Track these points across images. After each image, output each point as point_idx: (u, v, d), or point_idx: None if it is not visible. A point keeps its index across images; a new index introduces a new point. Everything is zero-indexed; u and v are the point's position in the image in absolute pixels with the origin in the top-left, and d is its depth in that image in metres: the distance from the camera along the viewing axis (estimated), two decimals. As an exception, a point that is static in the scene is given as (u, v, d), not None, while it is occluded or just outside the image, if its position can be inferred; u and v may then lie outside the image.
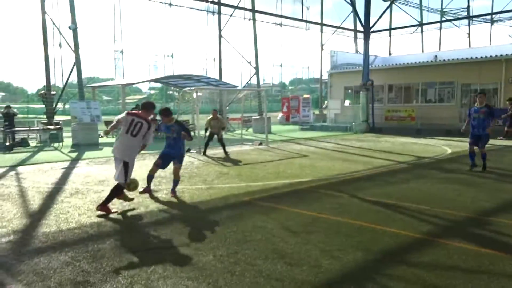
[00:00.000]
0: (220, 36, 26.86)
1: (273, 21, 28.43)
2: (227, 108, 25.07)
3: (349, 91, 27.14)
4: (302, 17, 20.53)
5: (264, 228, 5.04)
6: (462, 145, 15.20)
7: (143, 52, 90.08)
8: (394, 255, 4.19)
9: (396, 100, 24.88)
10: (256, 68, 26.56)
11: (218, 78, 26.64)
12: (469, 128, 9.62)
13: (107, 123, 22.37)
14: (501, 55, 20.20)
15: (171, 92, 51.65)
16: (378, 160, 11.26)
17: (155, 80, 28.36)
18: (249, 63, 27.20)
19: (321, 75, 31.49)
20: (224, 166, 10.52)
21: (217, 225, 5.20)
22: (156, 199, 6.70)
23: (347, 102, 26.53)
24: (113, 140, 16.70)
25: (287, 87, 78.34)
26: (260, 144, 15.74)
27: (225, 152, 12.83)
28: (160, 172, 9.51)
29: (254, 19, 25.97)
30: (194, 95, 14.84)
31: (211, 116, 13.49)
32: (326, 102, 30.93)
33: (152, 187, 7.81)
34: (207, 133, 13.46)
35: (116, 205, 6.14)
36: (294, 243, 4.49)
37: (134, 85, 45.04)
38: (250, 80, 29.61)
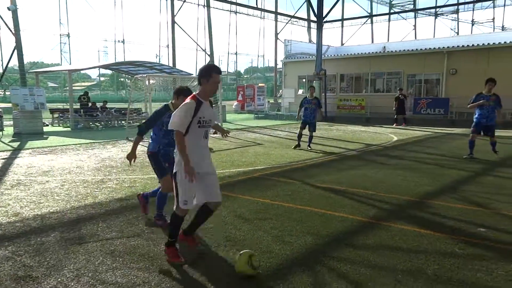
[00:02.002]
0: (173, 22, 26.22)
1: (228, 8, 28.16)
2: (181, 96, 24.56)
3: (303, 80, 27.58)
4: (256, 5, 20.44)
5: (216, 216, 5.03)
6: (407, 132, 16.02)
7: (92, 37, 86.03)
8: (342, 238, 4.36)
9: (348, 90, 25.62)
10: (211, 55, 26.26)
11: (171, 65, 26.06)
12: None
13: (52, 111, 21.29)
14: (444, 47, 21.37)
15: (122, 79, 49.92)
16: (330, 148, 11.61)
17: (105, 67, 27.22)
18: (204, 50, 26.85)
19: (276, 64, 31.76)
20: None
21: (169, 214, 5.12)
22: (106, 189, 6.49)
23: (301, 91, 26.96)
24: (59, 129, 15.68)
25: (243, 75, 78.15)
26: (215, 133, 15.66)
27: None
28: (110, 162, 9.23)
29: (208, 6, 25.58)
30: (147, 83, 14.42)
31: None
32: (280, 91, 31.25)
33: (102, 176, 7.56)
34: None
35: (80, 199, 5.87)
36: (246, 230, 4.54)
37: (82, 71, 42.97)
38: (204, 68, 29.19)
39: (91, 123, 18.81)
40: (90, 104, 20.45)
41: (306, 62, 25.94)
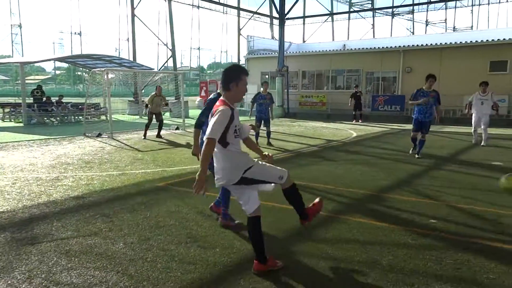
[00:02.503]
0: (133, 15, 25.51)
1: (190, 2, 27.76)
2: (143, 91, 24.07)
3: (266, 76, 27.72)
4: (218, 0, 20.23)
5: (178, 213, 5.00)
6: (366, 129, 16.52)
7: (46, 28, 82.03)
8: (302, 232, 4.44)
9: (309, 86, 26.05)
10: (173, 50, 25.81)
11: (132, 59, 25.37)
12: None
13: (3, 105, 20.14)
14: (400, 46, 22.19)
15: (79, 73, 48.06)
16: (292, 144, 11.77)
17: (61, 59, 26.09)
18: (165, 45, 26.33)
19: (239, 60, 31.69)
20: (138, 151, 10.15)
21: (129, 212, 5.02)
22: (61, 187, 6.24)
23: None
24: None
25: (206, 71, 77.50)
26: (177, 128, 15.44)
27: (159, 135, 12.69)
28: (66, 158, 8.88)
29: (169, -1, 25.09)
30: (105, 77, 13.96)
31: (154, 93, 12.99)
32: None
33: (57, 174, 7.27)
34: (147, 111, 13.07)
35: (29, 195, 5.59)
36: (208, 227, 4.53)
37: (35, 64, 40.89)
38: (166, 62, 28.70)
39: (45, 119, 17.99)
40: (44, 98, 19.54)
41: (269, 58, 26.09)
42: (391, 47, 22.50)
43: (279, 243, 4.10)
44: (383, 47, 22.68)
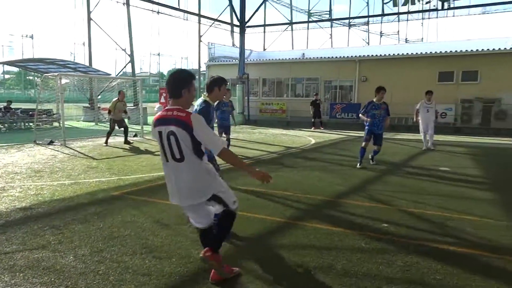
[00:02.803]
0: (89, 19, 24.75)
1: (149, 7, 27.31)
2: (99, 97, 23.31)
3: (227, 83, 27.74)
4: (178, 6, 20.07)
5: (134, 223, 4.86)
6: (324, 136, 16.92)
7: (-5, 30, 77.68)
8: (260, 239, 4.46)
9: (270, 94, 26.36)
10: (131, 55, 25.26)
11: (87, 64, 24.55)
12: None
13: None
14: (356, 56, 22.99)
15: (31, 77, 45.88)
16: (251, 151, 11.82)
17: (10, 63, 24.79)
18: (124, 50, 25.73)
19: (200, 67, 31.53)
20: (93, 159, 9.80)
21: (80, 223, 4.82)
22: (7, 198, 5.90)
23: (224, 95, 27.08)
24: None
25: (166, 77, 76.45)
26: (135, 135, 15.07)
27: (127, 141, 12.31)
28: (13, 167, 8.41)
29: (128, 4, 24.57)
30: (58, 82, 13.39)
31: (117, 98, 12.53)
32: (204, 93, 31.02)
33: (3, 184, 6.87)
34: (110, 117, 12.54)
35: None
36: (165, 236, 4.44)
37: (-18, 68, 38.63)
38: (125, 68, 28.02)
39: (-8, 125, 16.99)
40: (-10, 104, 18.45)
41: (230, 65, 26.15)
42: (347, 56, 23.25)
43: (237, 250, 4.09)
44: (340, 57, 23.41)
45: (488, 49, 19.50)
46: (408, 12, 20.45)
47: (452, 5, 18.04)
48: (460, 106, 19.51)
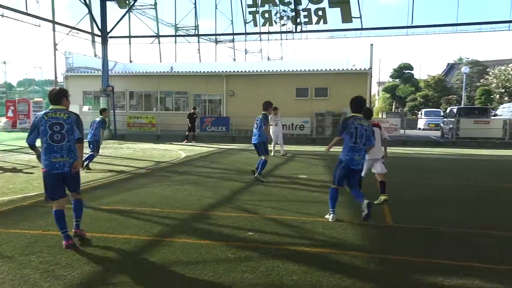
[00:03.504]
0: None
1: (-10, 8, 23.76)
2: None
3: (89, 96, 25.86)
4: (26, 10, 17.81)
5: (-33, 260, 4.11)
6: (195, 149, 17.00)
7: None
8: (124, 261, 4.23)
9: (138, 107, 25.43)
10: (-34, 62, 21.53)
11: None
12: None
13: None
14: (223, 71, 23.86)
15: None
16: (119, 167, 11.18)
17: None
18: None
19: (56, 77, 28.58)
20: None
21: None
22: None
23: (86, 108, 25.14)
24: None
25: (15, 88, 67.84)
26: None
27: None
28: None
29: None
30: None
31: None
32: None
33: None
34: None
35: None
36: (7, 270, 3.86)
37: None
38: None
39: None
40: None
41: (92, 77, 24.45)
42: (215, 71, 23.98)
43: (95, 277, 3.80)
44: (208, 71, 24.00)
45: (334, 69, 22.33)
46: (268, 33, 22.12)
47: (304, 29, 20.15)
48: (315, 119, 21.77)
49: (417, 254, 4.44)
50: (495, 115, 25.49)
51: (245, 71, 23.55)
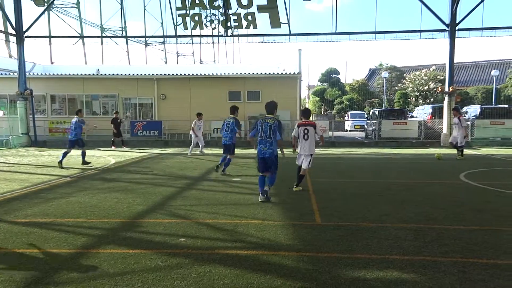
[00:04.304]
0: None
1: None
2: None
3: (5, 100, 23.74)
4: None
5: None
6: (125, 154, 16.32)
7: None
8: (41, 278, 3.92)
9: (61, 112, 23.85)
10: None
11: None
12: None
13: None
14: (154, 74, 23.22)
15: None
16: (39, 176, 10.38)
17: None
18: None
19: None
20: None
21: None
22: None
23: (1, 113, 23.05)
24: None
25: None
26: None
27: None
28: None
29: None
30: None
31: None
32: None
33: None
34: None
35: None
36: None
37: None
38: None
39: None
40: None
41: (7, 79, 22.50)
42: (146, 74, 23.23)
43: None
44: (138, 74, 23.18)
45: (266, 73, 22.78)
46: (199, 36, 21.92)
47: (235, 33, 20.31)
48: (248, 122, 22.00)
49: (343, 250, 4.67)
50: (412, 116, 27.75)
51: (177, 74, 23.16)
